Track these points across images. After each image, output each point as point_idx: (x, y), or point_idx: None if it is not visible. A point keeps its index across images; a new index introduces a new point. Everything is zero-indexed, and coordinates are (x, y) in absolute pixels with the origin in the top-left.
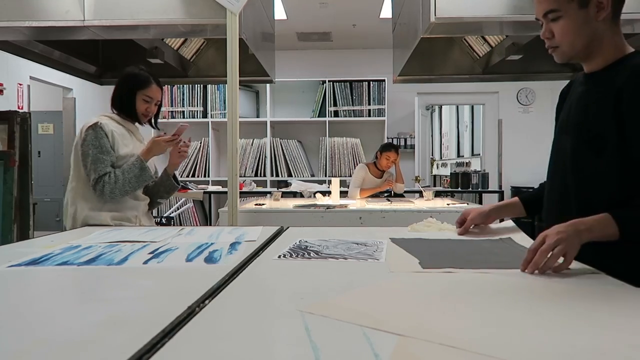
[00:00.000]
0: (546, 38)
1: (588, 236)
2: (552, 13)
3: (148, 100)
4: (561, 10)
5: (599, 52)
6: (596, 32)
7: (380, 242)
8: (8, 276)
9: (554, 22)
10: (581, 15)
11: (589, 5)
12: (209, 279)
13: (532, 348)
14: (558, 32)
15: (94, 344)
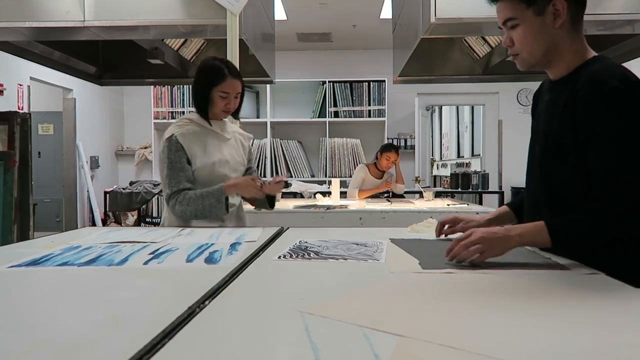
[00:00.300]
0: (507, 46)
1: (518, 241)
2: (510, 21)
3: (225, 96)
4: (518, 19)
5: (559, 59)
6: (554, 39)
7: (380, 243)
8: (8, 277)
9: (513, 29)
10: (538, 22)
11: (545, 12)
12: (209, 279)
13: (532, 348)
14: (517, 39)
15: (94, 345)
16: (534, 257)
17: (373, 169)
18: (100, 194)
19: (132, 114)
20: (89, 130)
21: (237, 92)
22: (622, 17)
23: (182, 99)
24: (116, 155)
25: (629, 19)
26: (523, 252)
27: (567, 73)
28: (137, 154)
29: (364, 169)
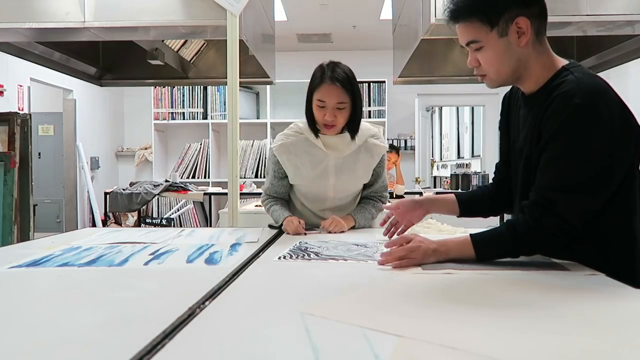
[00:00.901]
0: (473, 66)
1: (445, 256)
2: (474, 44)
3: (321, 105)
4: (481, 41)
5: (528, 75)
6: (521, 58)
7: (380, 244)
8: (8, 277)
9: (478, 51)
10: (502, 43)
11: (509, 32)
12: (210, 280)
13: (532, 349)
14: (483, 61)
15: (94, 345)
16: (534, 258)
17: None
18: (101, 194)
19: (133, 115)
20: (89, 131)
21: (336, 101)
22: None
23: (182, 100)
24: (116, 156)
25: (629, 19)
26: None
27: (537, 88)
28: (137, 155)
29: None
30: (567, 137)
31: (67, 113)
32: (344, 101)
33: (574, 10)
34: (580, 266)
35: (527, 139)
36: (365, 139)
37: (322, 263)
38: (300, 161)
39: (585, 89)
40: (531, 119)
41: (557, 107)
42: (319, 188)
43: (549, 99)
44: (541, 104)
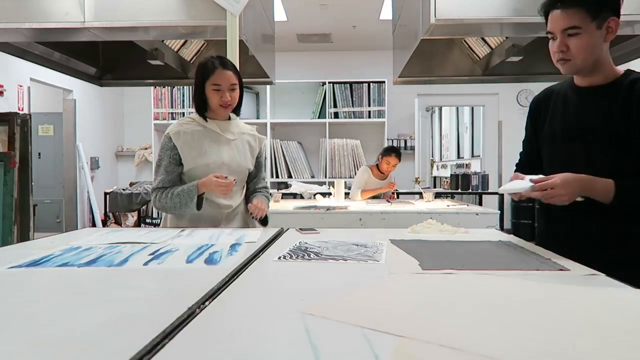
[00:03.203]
0: (561, 51)
1: (587, 194)
2: (573, 29)
3: (217, 88)
4: (582, 28)
5: (600, 69)
6: (602, 52)
7: (380, 244)
8: (8, 277)
9: (571, 37)
10: (597, 35)
11: (602, 27)
12: (209, 280)
13: (532, 349)
14: (575, 47)
15: (94, 345)
16: (534, 258)
17: (375, 170)
18: (100, 194)
19: (132, 115)
20: (89, 131)
21: (230, 83)
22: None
23: (182, 100)
24: (116, 156)
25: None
26: (523, 253)
27: (605, 82)
28: (137, 155)
29: (367, 171)
30: None
31: (67, 113)
32: (235, 82)
33: None
34: (581, 267)
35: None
36: (248, 130)
37: (322, 263)
38: (196, 141)
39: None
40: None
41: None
42: (215, 164)
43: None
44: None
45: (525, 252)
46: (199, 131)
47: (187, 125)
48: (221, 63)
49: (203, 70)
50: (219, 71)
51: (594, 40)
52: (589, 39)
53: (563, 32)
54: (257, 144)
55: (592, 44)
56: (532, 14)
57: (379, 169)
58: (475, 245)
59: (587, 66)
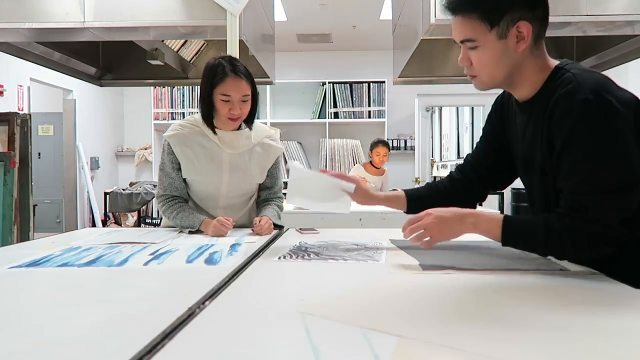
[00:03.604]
0: (464, 65)
1: (471, 230)
2: (469, 42)
3: (226, 99)
4: (478, 40)
5: (523, 80)
6: (516, 63)
7: (380, 244)
8: (8, 277)
9: (472, 50)
10: (500, 46)
11: (508, 36)
12: (209, 280)
13: (532, 349)
14: (476, 62)
15: (94, 346)
16: (534, 258)
17: (369, 167)
18: (100, 195)
19: (132, 115)
20: (89, 131)
21: (242, 94)
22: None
23: (182, 100)
24: (116, 156)
25: (628, 19)
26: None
27: (533, 92)
28: (137, 155)
29: (360, 168)
30: (583, 137)
31: (67, 113)
32: (248, 93)
33: (573, 11)
34: (580, 267)
35: (537, 147)
36: (262, 139)
37: (322, 263)
38: (194, 154)
39: (587, 83)
40: (534, 126)
41: (564, 109)
42: (212, 184)
43: (551, 102)
44: (542, 108)
45: (525, 252)
46: (199, 142)
47: (187, 128)
48: (233, 69)
49: (211, 75)
50: (230, 79)
51: (496, 53)
52: (491, 53)
53: (462, 44)
54: (270, 156)
55: (494, 58)
56: None
57: (373, 164)
58: (475, 246)
59: (499, 82)
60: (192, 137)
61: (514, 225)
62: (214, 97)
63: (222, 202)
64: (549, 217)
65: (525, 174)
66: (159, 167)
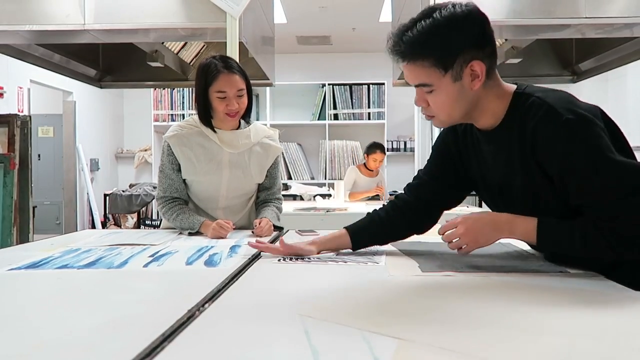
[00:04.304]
0: (420, 106)
1: (507, 236)
2: (425, 87)
3: (222, 96)
4: (433, 85)
5: (482, 111)
6: (473, 99)
7: (380, 246)
8: (7, 279)
9: (428, 94)
10: (456, 88)
11: (462, 76)
12: (209, 282)
13: (533, 352)
14: (433, 104)
15: (93, 348)
16: (534, 260)
17: (364, 169)
18: (100, 196)
19: (132, 117)
20: (88, 132)
21: (237, 89)
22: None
23: (182, 102)
24: (116, 158)
25: (627, 22)
26: (523, 255)
27: (496, 121)
28: (136, 157)
29: (354, 170)
30: (580, 154)
31: (67, 115)
32: (242, 87)
33: (572, 13)
34: (581, 269)
35: (516, 173)
36: (261, 138)
37: (322, 265)
38: (194, 154)
39: (559, 103)
40: (508, 154)
41: (548, 134)
42: (212, 184)
43: (527, 129)
44: (513, 136)
45: (525, 254)
46: (198, 142)
47: (187, 130)
48: (225, 66)
49: (205, 74)
50: (223, 76)
51: (453, 94)
52: (447, 95)
53: (417, 87)
54: (270, 156)
55: (452, 99)
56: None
57: (367, 167)
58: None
59: (457, 119)
60: (192, 137)
61: (550, 230)
62: (210, 95)
63: (222, 202)
64: (584, 222)
65: (501, 200)
66: (159, 169)
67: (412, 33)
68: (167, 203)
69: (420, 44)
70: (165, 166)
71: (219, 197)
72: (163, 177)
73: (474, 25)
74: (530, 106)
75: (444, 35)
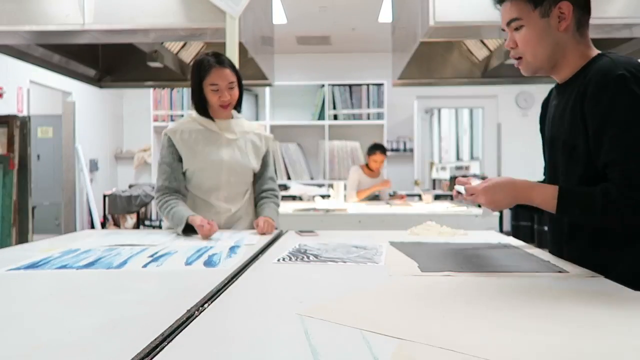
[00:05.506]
0: (510, 47)
1: (524, 201)
2: (515, 22)
3: (215, 88)
4: (523, 19)
5: (565, 62)
6: (559, 42)
7: (380, 246)
8: (7, 280)
9: (517, 31)
10: (543, 24)
11: (550, 15)
12: (208, 282)
13: (532, 352)
14: (521, 41)
15: (93, 348)
16: (533, 260)
17: (366, 169)
18: (100, 197)
19: (132, 117)
20: (88, 133)
21: (228, 81)
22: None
23: (182, 102)
24: (115, 158)
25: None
26: (522, 255)
27: (572, 75)
28: (136, 157)
29: (358, 170)
30: (622, 109)
31: (66, 115)
32: (234, 80)
33: None
34: (580, 269)
35: (567, 126)
36: (255, 129)
37: (322, 265)
38: (194, 140)
39: (621, 62)
40: (565, 106)
41: (599, 84)
42: (213, 169)
43: (585, 81)
44: (575, 89)
45: (525, 254)
46: (198, 131)
47: (186, 124)
48: (217, 61)
49: (199, 70)
50: (215, 70)
51: (539, 31)
52: (534, 31)
53: (509, 26)
54: (263, 143)
55: (538, 36)
56: None
57: (369, 168)
58: (474, 248)
59: (543, 62)
60: (191, 128)
61: (571, 195)
62: (205, 88)
63: (223, 191)
64: (607, 186)
65: (550, 154)
66: (158, 162)
67: None
68: (164, 196)
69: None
70: (165, 157)
71: (221, 184)
72: (164, 166)
73: None
74: (599, 63)
75: None
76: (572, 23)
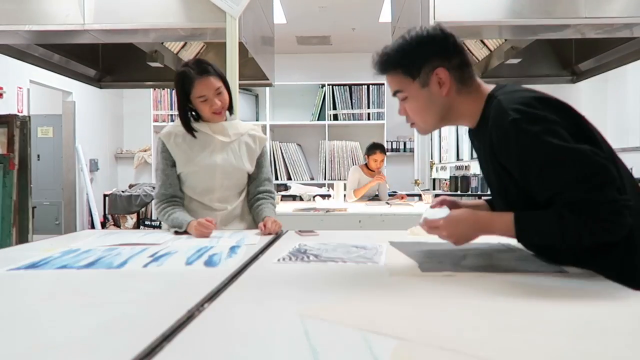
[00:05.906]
0: (402, 115)
1: (487, 233)
2: (399, 94)
3: (203, 99)
4: (405, 91)
5: (462, 114)
6: (445, 105)
7: (380, 246)
8: (7, 280)
9: (404, 101)
10: (425, 94)
11: (429, 83)
12: (209, 282)
13: (532, 351)
14: (409, 111)
15: (93, 348)
16: (533, 260)
17: (365, 169)
18: (100, 197)
19: (132, 117)
20: (88, 133)
21: (214, 89)
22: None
23: None
24: (115, 158)
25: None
26: (523, 255)
27: (476, 122)
28: (136, 157)
29: (358, 170)
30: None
31: (67, 115)
32: (220, 86)
33: (572, 13)
34: (580, 269)
35: (490, 171)
36: (248, 130)
37: (322, 265)
38: (188, 145)
39: (510, 103)
40: (484, 152)
41: (500, 136)
42: (208, 172)
43: (489, 128)
44: (486, 134)
45: (525, 254)
46: (191, 136)
47: (180, 127)
48: (199, 71)
49: (183, 83)
50: (199, 81)
51: (423, 100)
52: (417, 101)
53: (395, 97)
54: (258, 145)
55: (423, 105)
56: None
57: (368, 168)
58: (474, 248)
59: (436, 125)
60: (185, 131)
61: (526, 221)
62: (194, 101)
63: (217, 193)
64: (559, 208)
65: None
66: (155, 170)
67: (387, 51)
68: (162, 203)
69: (392, 57)
70: (160, 163)
71: (214, 187)
72: (160, 174)
73: (437, 39)
74: (491, 108)
75: (410, 49)
76: (453, 83)
